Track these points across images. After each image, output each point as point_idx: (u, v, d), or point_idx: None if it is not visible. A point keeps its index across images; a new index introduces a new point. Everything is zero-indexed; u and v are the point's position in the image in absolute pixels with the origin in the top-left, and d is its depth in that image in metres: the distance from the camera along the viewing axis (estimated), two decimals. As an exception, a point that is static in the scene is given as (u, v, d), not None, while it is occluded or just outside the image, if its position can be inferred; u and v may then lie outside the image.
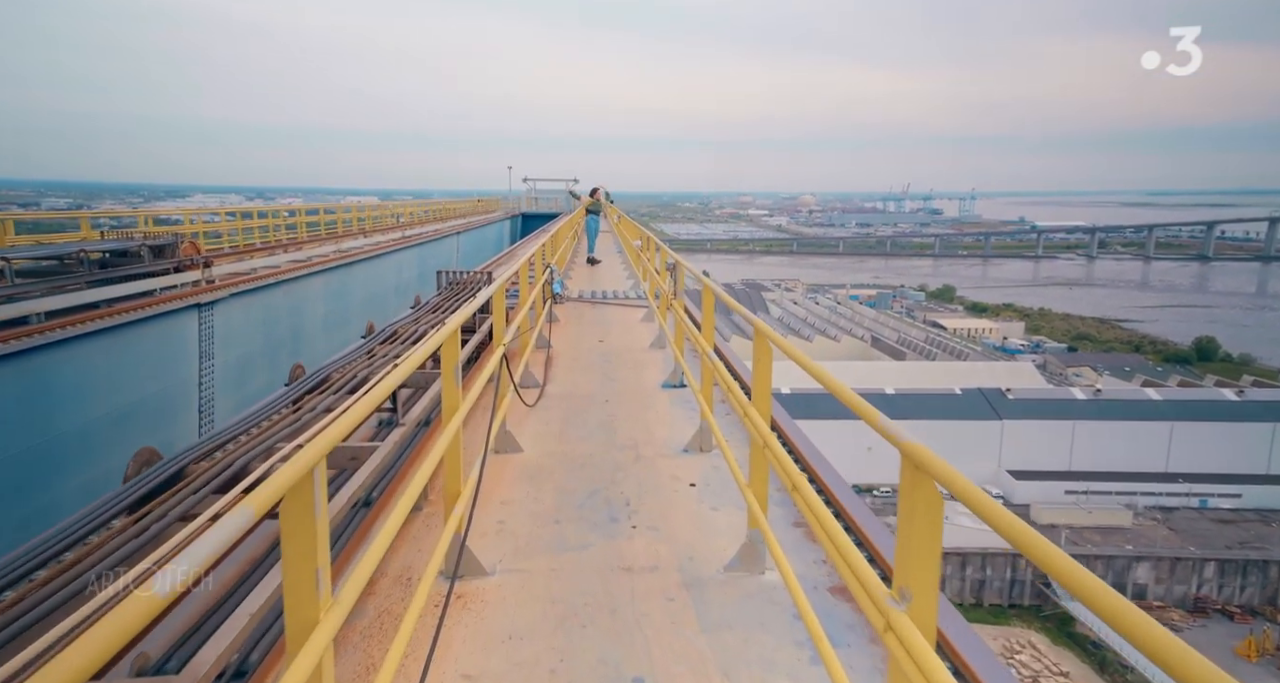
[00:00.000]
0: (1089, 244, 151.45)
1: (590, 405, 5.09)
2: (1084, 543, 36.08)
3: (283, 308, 12.76)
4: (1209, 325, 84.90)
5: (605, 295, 10.39)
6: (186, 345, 9.98)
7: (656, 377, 5.85)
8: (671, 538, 3.04)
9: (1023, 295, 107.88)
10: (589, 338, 7.47)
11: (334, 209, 25.04)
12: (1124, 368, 61.56)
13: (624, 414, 4.90)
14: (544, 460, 4.01)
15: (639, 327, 8.10)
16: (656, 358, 6.57)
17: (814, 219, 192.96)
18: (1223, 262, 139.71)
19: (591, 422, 4.74)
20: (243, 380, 11.21)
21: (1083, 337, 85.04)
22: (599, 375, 5.88)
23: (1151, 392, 45.70)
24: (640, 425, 4.65)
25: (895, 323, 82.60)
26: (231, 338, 10.95)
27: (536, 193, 46.68)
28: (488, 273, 8.29)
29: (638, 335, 7.60)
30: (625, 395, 5.32)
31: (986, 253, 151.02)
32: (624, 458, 4.04)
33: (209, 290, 10.53)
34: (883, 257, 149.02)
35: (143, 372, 9.07)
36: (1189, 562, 33.98)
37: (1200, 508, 39.85)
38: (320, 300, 14.83)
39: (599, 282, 12.28)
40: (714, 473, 3.82)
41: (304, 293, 13.98)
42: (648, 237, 10.07)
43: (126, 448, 8.62)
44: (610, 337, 7.55)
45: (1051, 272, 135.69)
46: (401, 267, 23.37)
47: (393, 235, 25.87)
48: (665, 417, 4.86)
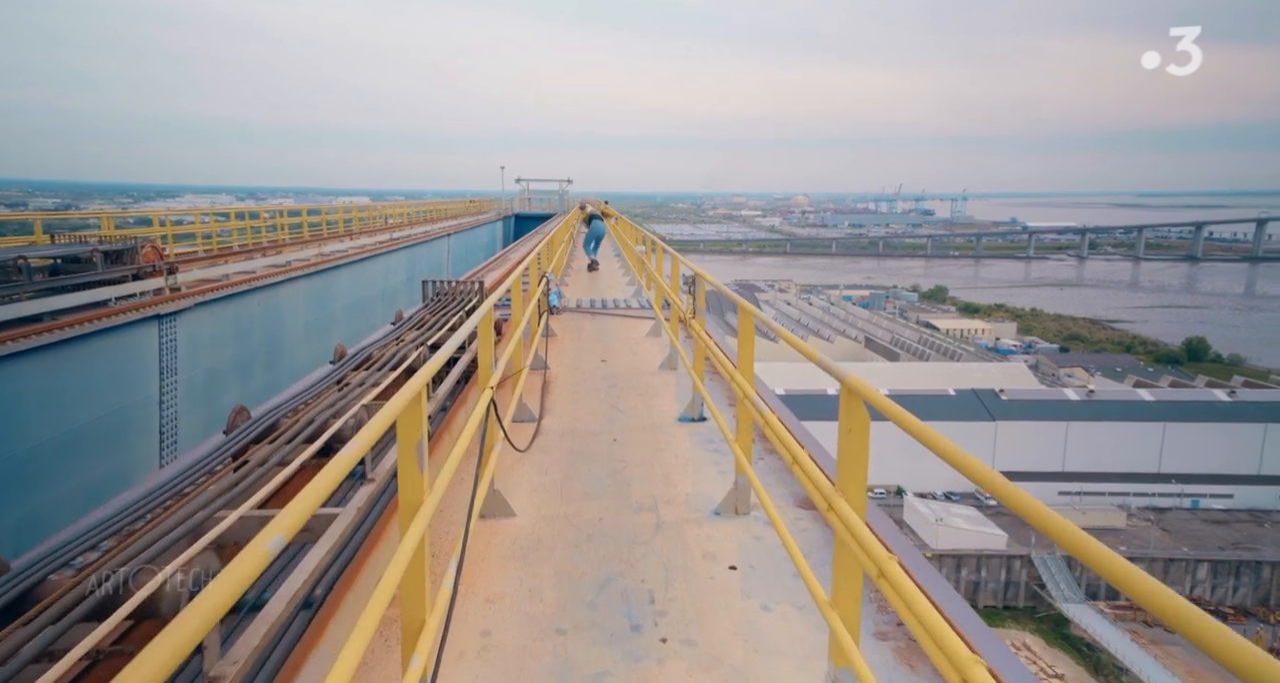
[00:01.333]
0: (1080, 245, 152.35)
1: (596, 446, 4.29)
2: None
3: (257, 317, 11.86)
4: (1199, 326, 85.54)
5: (605, 305, 9.58)
6: (145, 361, 9.09)
7: (670, 407, 5.07)
8: (714, 661, 2.25)
9: (1014, 296, 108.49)
10: (590, 357, 6.67)
11: (318, 210, 24.08)
12: (1116, 368, 62.12)
13: (637, 458, 4.11)
14: (542, 529, 3.20)
15: (645, 343, 7.30)
16: (668, 383, 5.78)
17: (807, 220, 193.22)
18: (1211, 262, 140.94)
19: (598, 470, 3.94)
20: (212, 398, 10.32)
21: (1074, 337, 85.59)
22: (604, 406, 5.08)
23: (1144, 392, 46.17)
24: (658, 475, 3.86)
25: (888, 324, 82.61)
26: (198, 352, 10.05)
27: (530, 193, 46.19)
28: (478, 281, 7.46)
29: (645, 354, 6.81)
30: (636, 432, 4.53)
31: (978, 253, 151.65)
32: (642, 524, 3.24)
33: (172, 299, 9.64)
34: (875, 257, 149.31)
35: (94, 391, 8.18)
36: (1182, 563, 34.18)
37: (1193, 508, 40.26)
38: (301, 308, 13.92)
39: (598, 288, 11.47)
40: (758, 548, 3.03)
41: (282, 300, 13.08)
42: (651, 239, 9.29)
43: (74, 477, 7.82)
44: (614, 355, 6.75)
45: (1043, 272, 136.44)
46: (389, 271, 22.45)
47: (380, 238, 24.98)
48: (686, 461, 4.07)
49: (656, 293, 7.31)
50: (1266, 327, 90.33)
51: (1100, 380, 56.00)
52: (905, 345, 73.10)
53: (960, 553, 34.13)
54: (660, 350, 6.94)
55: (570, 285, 11.93)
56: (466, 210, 43.06)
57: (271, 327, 12.35)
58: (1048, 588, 33.55)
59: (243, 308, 11.29)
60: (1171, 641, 30.73)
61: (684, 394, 5.38)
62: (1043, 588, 33.65)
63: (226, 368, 10.73)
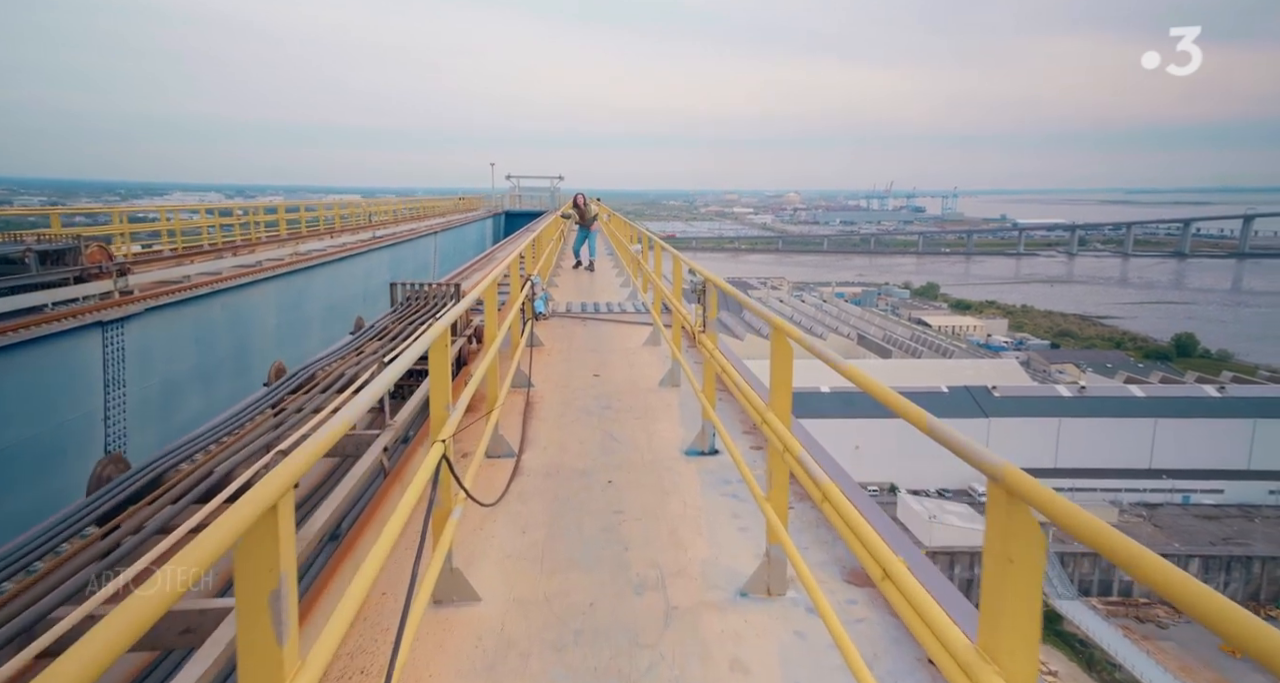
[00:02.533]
0: (1069, 241, 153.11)
1: (586, 491, 3.49)
2: (1071, 541, 36.03)
3: (221, 322, 10.95)
4: (1187, 322, 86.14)
5: (598, 309, 8.76)
6: (87, 372, 8.20)
7: (675, 434, 4.29)
8: None
9: (1005, 293, 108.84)
10: (581, 371, 5.87)
11: (296, 207, 23.08)
12: (1106, 364, 62.53)
13: (637, 506, 3.32)
14: (514, 622, 2.40)
15: (643, 354, 6.49)
16: (670, 402, 4.99)
17: (799, 217, 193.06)
18: (1199, 259, 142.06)
19: (590, 525, 3.14)
20: (168, 411, 9.43)
21: (1065, 333, 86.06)
22: (597, 432, 4.29)
23: (1135, 388, 46.72)
24: (664, 532, 3.08)
25: (881, 321, 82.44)
26: (151, 361, 9.14)
27: (520, 190, 45.45)
28: (455, 285, 6.63)
29: (643, 366, 6.01)
30: (636, 470, 3.74)
31: (969, 250, 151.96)
32: (646, 612, 2.45)
33: (119, 304, 8.74)
34: (867, 254, 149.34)
35: (24, 408, 7.30)
36: (1174, 558, 33.18)
37: (1184, 504, 40.29)
38: (271, 311, 13.00)
39: (590, 290, 10.64)
40: (801, 650, 2.25)
41: (250, 303, 12.16)
42: (647, 237, 8.50)
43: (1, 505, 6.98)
44: (608, 368, 5.94)
45: (1033, 269, 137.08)
46: (370, 271, 21.50)
47: (362, 236, 24.04)
48: (698, 511, 3.29)
49: (655, 296, 6.51)
50: (1253, 322, 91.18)
51: (1091, 377, 56.39)
52: (898, 342, 73.10)
53: (954, 550, 34.04)
54: (660, 362, 6.15)
55: (560, 287, 11.10)
56: (455, 208, 42.13)
57: (238, 332, 11.44)
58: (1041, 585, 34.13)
59: (204, 312, 10.39)
60: (1164, 637, 30.91)
61: (689, 417, 4.60)
62: None
63: (185, 378, 9.83)
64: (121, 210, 11.68)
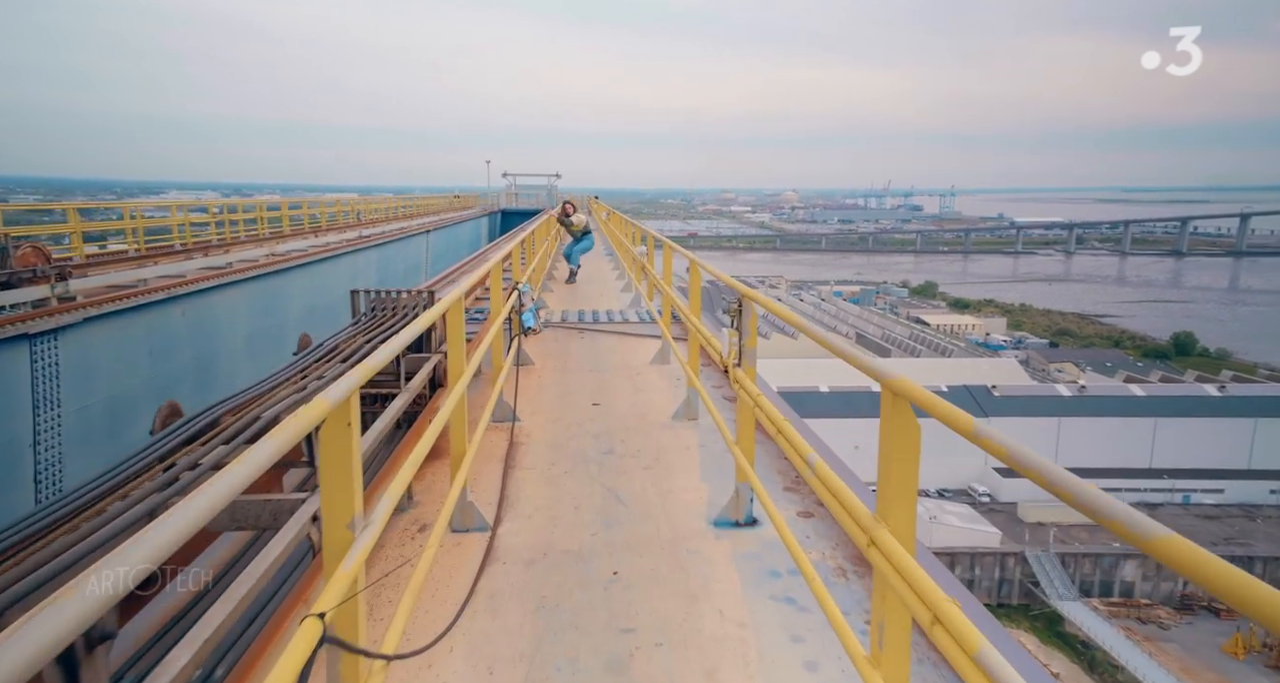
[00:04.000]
0: (1067, 240, 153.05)
1: (582, 592, 2.47)
2: (1072, 541, 36.50)
3: (181, 330, 9.90)
4: (1185, 320, 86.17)
5: (597, 318, 7.74)
6: (15, 391, 7.16)
7: (698, 494, 3.29)
8: None
9: (1003, 291, 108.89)
10: (577, 397, 4.86)
11: (277, 205, 21.96)
12: (1105, 363, 62.49)
13: (655, 623, 2.31)
14: None
15: (651, 375, 5.47)
16: (687, 442, 3.99)
17: (797, 216, 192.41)
18: (1196, 257, 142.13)
19: (587, 651, 2.13)
20: (114, 433, 8.38)
21: (1063, 332, 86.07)
22: (596, 491, 3.29)
23: (1135, 388, 46.86)
24: (696, 668, 2.09)
25: (879, 319, 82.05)
26: (93, 377, 8.08)
27: (517, 188, 44.62)
28: (428, 293, 5.62)
29: (652, 392, 5.00)
30: (650, 553, 2.73)
31: (967, 249, 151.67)
32: None
33: (52, 313, 7.69)
34: (865, 253, 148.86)
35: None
36: None
37: (1184, 504, 40.12)
38: (243, 318, 11.93)
39: (586, 296, 9.60)
40: None
41: (217, 309, 11.11)
42: (652, 238, 7.50)
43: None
44: (610, 394, 4.93)
45: (1031, 267, 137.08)
46: (356, 272, 20.45)
47: (349, 235, 22.99)
48: (740, 630, 2.29)
49: (663, 304, 5.50)
50: (1251, 320, 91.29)
51: (1091, 376, 56.39)
52: (896, 341, 72.83)
53: (954, 551, 33.76)
54: (671, 385, 5.14)
55: (554, 292, 10.08)
56: (450, 206, 41.05)
57: (202, 341, 10.37)
58: (1042, 586, 33.46)
59: (160, 319, 9.33)
60: (1166, 638, 30.64)
61: (714, 467, 3.61)
62: (1037, 586, 33.59)
63: (137, 394, 8.75)
64: (75, 207, 10.57)
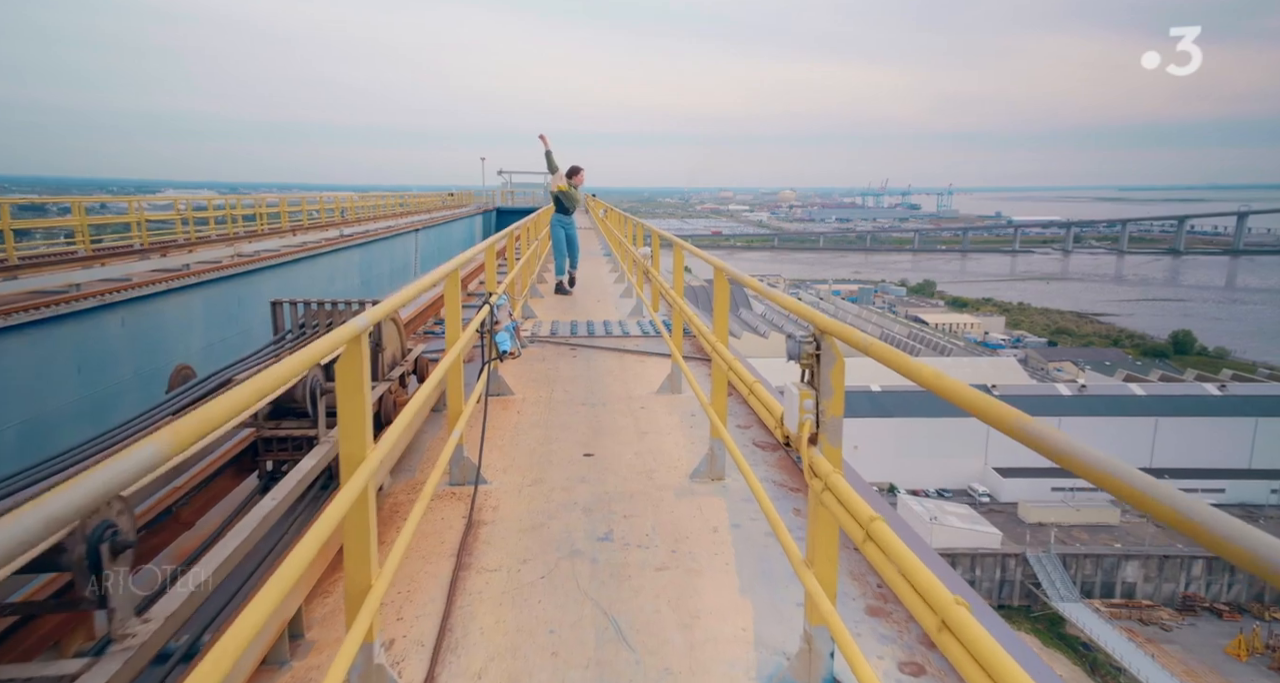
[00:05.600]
0: (1064, 239, 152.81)
1: None
2: (1073, 541, 36.38)
3: (119, 343, 8.75)
4: (1184, 319, 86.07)
5: (592, 331, 6.66)
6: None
7: (739, 622, 2.20)
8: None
9: (1001, 290, 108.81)
10: (566, 443, 3.79)
11: (252, 203, 20.76)
12: (1105, 362, 62.23)
13: None
14: None
15: (658, 409, 4.37)
16: (714, 520, 2.92)
17: (794, 214, 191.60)
18: (1194, 256, 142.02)
19: None
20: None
21: (1062, 331, 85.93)
22: (587, 617, 2.19)
23: (1134, 387, 46.86)
24: None
25: (878, 318, 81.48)
26: (3, 398, 6.94)
27: (513, 186, 43.67)
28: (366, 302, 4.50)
29: (660, 435, 3.91)
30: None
31: (964, 247, 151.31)
32: None
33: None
34: (863, 252, 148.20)
35: None
36: (1177, 559, 33.67)
37: None
38: (198, 327, 10.79)
39: (580, 303, 8.48)
40: None
41: (168, 317, 9.98)
42: (655, 233, 6.42)
43: None
44: (608, 438, 3.84)
45: (1028, 266, 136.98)
46: (336, 274, 19.30)
47: (330, 234, 21.84)
48: None
49: (674, 320, 4.44)
50: (1249, 319, 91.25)
51: (1090, 375, 56.07)
52: (895, 340, 72.40)
53: (954, 552, 33.38)
54: (685, 426, 4.07)
55: (543, 297, 8.96)
56: (444, 204, 39.92)
57: (145, 354, 9.22)
58: (1043, 587, 33.14)
59: (92, 330, 8.19)
60: (1168, 640, 30.18)
61: (757, 564, 2.55)
62: (1038, 587, 33.24)
63: (60, 417, 7.61)
64: (9, 202, 9.43)
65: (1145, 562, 33.67)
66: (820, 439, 1.77)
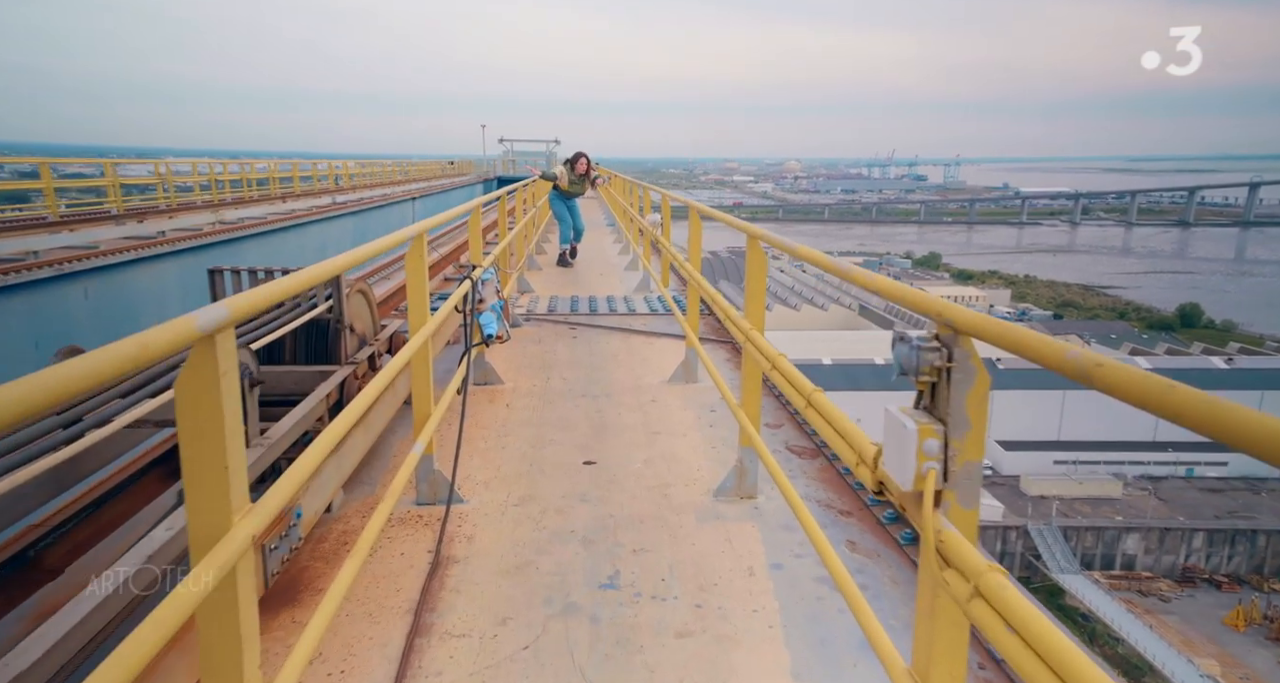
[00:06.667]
0: (1072, 210, 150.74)
1: None
2: (1074, 514, 36.38)
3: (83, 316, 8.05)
4: (1191, 292, 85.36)
5: (595, 307, 5.97)
6: None
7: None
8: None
9: (1007, 262, 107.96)
10: (562, 446, 3.14)
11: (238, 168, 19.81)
12: (1110, 335, 61.72)
13: None
14: None
15: (672, 402, 3.70)
16: (748, 548, 2.28)
17: (799, 186, 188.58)
18: (1203, 227, 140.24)
19: None
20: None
21: (1068, 304, 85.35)
22: None
23: (1141, 360, 46.32)
24: None
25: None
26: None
27: (514, 155, 42.67)
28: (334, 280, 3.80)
29: (676, 435, 3.26)
30: None
31: (971, 219, 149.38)
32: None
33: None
34: (868, 223, 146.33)
35: None
36: (1178, 532, 33.64)
37: (1187, 477, 39.48)
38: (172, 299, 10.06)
39: (582, 277, 7.75)
40: None
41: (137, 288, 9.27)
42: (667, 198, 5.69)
43: None
44: (613, 440, 3.20)
45: (1035, 238, 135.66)
46: (327, 244, 18.51)
47: (322, 201, 21.01)
48: None
49: (689, 297, 3.76)
50: (1258, 291, 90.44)
51: (1096, 348, 55.23)
52: (900, 313, 71.69)
53: None
54: (704, 424, 3.43)
55: (542, 271, 8.24)
56: (444, 172, 38.93)
57: (112, 328, 8.53)
58: (1044, 559, 33.14)
59: (52, 302, 7.50)
60: (1166, 611, 30.47)
61: (811, 626, 1.94)
62: (1038, 559, 33.21)
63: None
64: None
65: (1146, 534, 33.60)
66: (948, 498, 1.13)
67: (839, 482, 2.86)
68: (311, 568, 2.16)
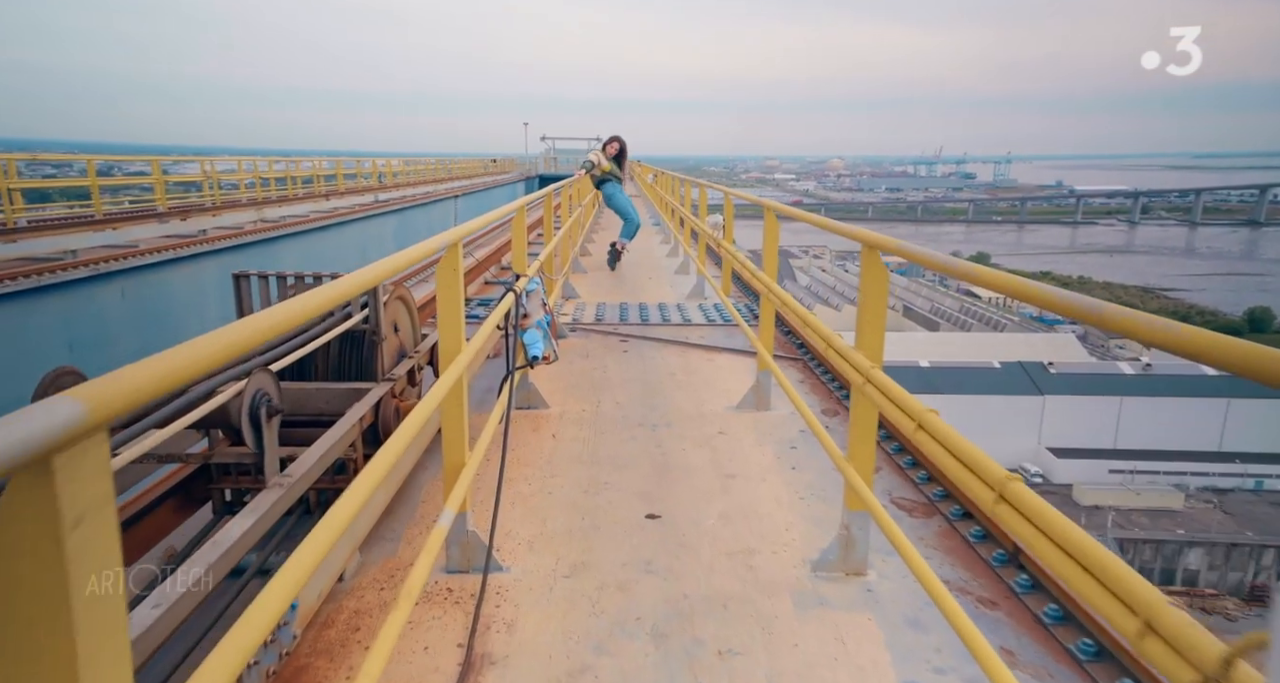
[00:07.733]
0: (1131, 209, 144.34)
1: None
2: (1131, 526, 34.81)
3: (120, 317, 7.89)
4: (1261, 295, 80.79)
5: (646, 316, 5.45)
6: None
7: None
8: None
9: (1060, 263, 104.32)
10: (618, 492, 2.63)
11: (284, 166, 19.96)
12: None
13: None
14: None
15: (744, 433, 3.12)
16: (864, 646, 1.75)
17: (842, 184, 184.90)
18: (1276, 227, 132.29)
19: None
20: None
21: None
22: None
23: (1205, 366, 42.75)
24: None
25: (928, 292, 78.55)
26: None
27: (556, 153, 42.74)
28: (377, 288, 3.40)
29: (755, 479, 2.71)
30: None
31: (1022, 218, 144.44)
32: None
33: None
34: (913, 223, 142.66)
35: None
36: (1245, 548, 31.46)
37: (1256, 490, 36.96)
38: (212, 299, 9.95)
39: (630, 280, 7.24)
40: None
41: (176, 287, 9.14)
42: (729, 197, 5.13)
43: None
44: (677, 485, 2.67)
45: (1090, 238, 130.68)
46: (369, 243, 18.47)
47: (364, 199, 21.04)
48: None
49: (764, 310, 3.20)
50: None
51: (1155, 353, 52.63)
52: (945, 314, 69.76)
53: None
54: (785, 469, 2.88)
55: (587, 274, 7.76)
56: (487, 170, 39.11)
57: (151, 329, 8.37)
58: None
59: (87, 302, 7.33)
60: (1232, 630, 28.82)
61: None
62: None
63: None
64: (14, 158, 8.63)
65: (1210, 549, 31.36)
66: None
67: (966, 552, 2.27)
68: (312, 668, 1.70)
